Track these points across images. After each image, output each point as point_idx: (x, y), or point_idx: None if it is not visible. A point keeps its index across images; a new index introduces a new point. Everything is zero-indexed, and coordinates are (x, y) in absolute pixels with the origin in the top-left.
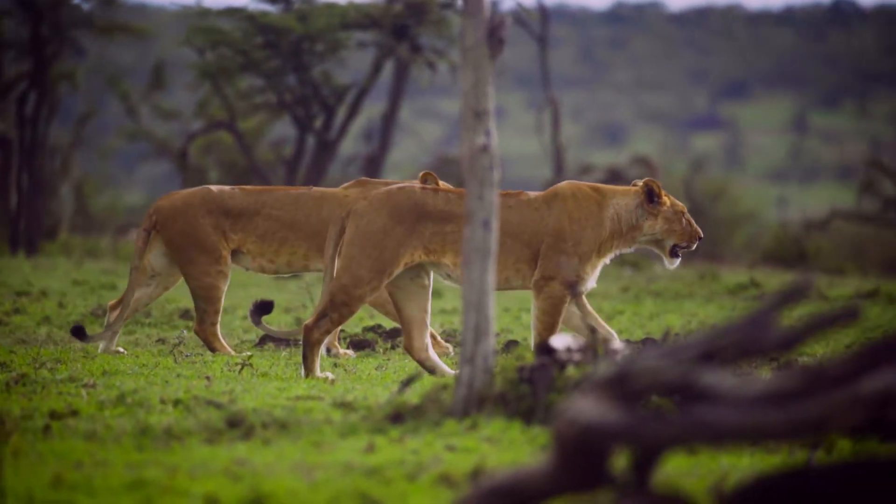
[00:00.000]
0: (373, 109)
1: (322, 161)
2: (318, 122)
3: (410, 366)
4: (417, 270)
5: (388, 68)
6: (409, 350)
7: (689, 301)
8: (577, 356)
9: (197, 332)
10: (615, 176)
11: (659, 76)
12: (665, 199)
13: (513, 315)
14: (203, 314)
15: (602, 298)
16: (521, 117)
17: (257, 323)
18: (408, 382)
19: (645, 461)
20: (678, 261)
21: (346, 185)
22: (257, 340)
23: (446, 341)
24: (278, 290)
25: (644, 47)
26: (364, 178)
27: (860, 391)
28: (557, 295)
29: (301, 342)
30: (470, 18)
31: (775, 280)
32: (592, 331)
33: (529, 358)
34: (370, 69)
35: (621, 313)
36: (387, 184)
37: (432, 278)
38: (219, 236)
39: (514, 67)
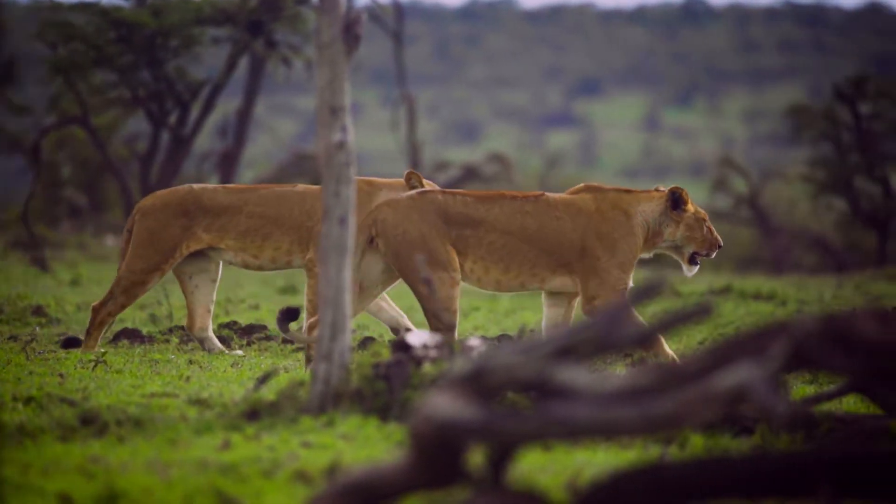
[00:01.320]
0: (228, 105)
1: (177, 157)
2: (173, 118)
3: (266, 363)
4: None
5: (244, 64)
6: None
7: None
8: (433, 353)
9: (94, 308)
10: (471, 173)
11: (513, 73)
12: (689, 206)
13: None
14: (112, 299)
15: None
16: (377, 114)
17: (285, 330)
18: (264, 379)
19: (500, 457)
20: (696, 268)
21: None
22: (111, 337)
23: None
24: None
25: (498, 44)
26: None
27: (713, 387)
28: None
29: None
30: (325, 15)
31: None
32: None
33: (385, 354)
34: (225, 65)
35: (477, 309)
36: (369, 182)
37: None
38: (183, 238)
39: (370, 64)
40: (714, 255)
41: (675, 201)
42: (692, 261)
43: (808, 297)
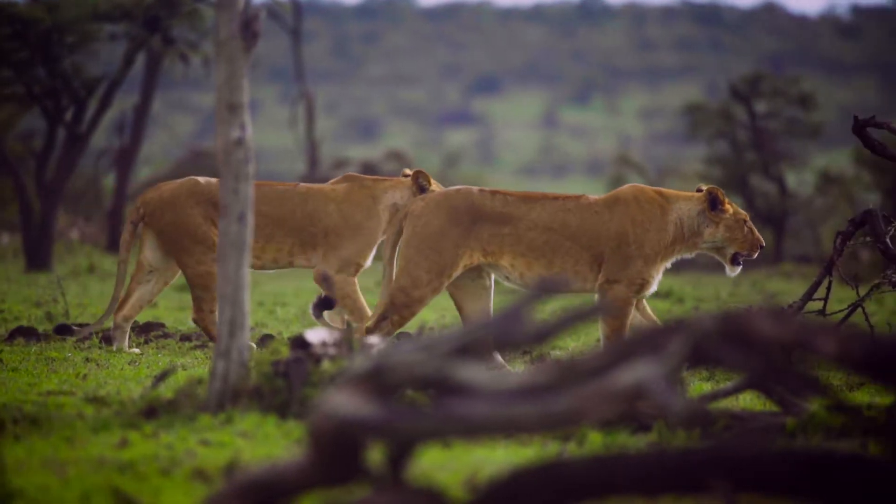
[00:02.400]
0: (125, 102)
1: (73, 154)
2: (69, 115)
3: (164, 360)
4: (479, 271)
5: (140, 60)
6: None
7: (443, 295)
8: (332, 350)
9: (195, 321)
10: (369, 170)
11: (412, 71)
12: (728, 206)
13: (267, 309)
14: (200, 302)
15: None
16: (276, 111)
17: (318, 316)
18: (161, 377)
19: (399, 455)
20: (739, 269)
21: (334, 180)
22: (6, 335)
23: (198, 336)
24: (28, 284)
25: (397, 42)
26: (351, 174)
27: (611, 385)
28: (622, 297)
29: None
30: (224, 11)
31: None
32: (349, 325)
33: (284, 352)
34: (122, 61)
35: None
36: (376, 179)
37: (493, 280)
38: (209, 226)
39: (268, 61)
40: (756, 255)
41: (713, 201)
42: (735, 261)
43: (705, 294)
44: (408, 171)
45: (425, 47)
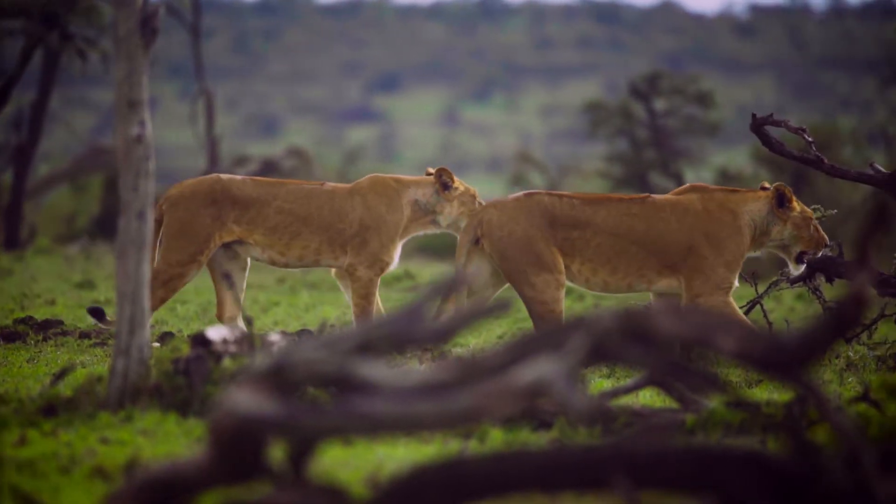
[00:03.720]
0: (22, 98)
1: None
2: None
3: (63, 358)
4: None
5: (38, 57)
6: None
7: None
8: (233, 348)
9: None
10: (270, 167)
11: (312, 68)
12: (795, 205)
13: (167, 307)
14: (151, 293)
15: (258, 289)
16: (175, 107)
17: None
18: (60, 375)
19: (301, 452)
20: (803, 267)
21: (356, 182)
22: None
23: (97, 333)
24: None
25: (296, 39)
26: (376, 174)
27: (513, 382)
28: (718, 305)
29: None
30: (122, 8)
31: (429, 271)
32: (249, 322)
33: (185, 349)
34: (19, 57)
35: (277, 304)
36: (398, 177)
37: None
38: (216, 228)
39: (168, 57)
40: (820, 253)
41: (780, 199)
42: (799, 260)
43: None
44: (431, 170)
45: (326, 44)
